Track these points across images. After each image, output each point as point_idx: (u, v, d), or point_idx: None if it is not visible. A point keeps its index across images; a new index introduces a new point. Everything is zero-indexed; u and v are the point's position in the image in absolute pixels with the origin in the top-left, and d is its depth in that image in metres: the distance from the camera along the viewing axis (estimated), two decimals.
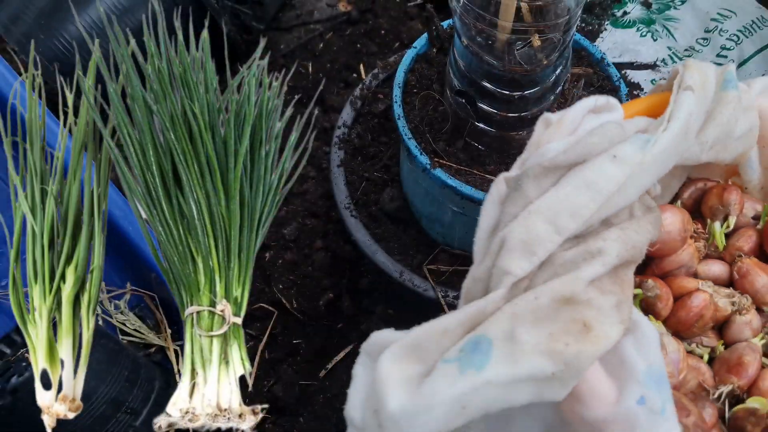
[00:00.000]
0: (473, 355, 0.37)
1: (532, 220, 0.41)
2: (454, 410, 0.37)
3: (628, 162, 0.41)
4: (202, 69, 0.64)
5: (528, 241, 0.40)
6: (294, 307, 1.17)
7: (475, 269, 0.43)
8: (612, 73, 0.87)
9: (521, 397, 0.37)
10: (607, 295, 0.39)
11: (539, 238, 0.40)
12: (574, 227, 0.41)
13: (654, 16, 1.39)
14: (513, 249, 0.40)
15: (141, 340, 1.12)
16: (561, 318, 0.38)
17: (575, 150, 0.42)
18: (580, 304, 0.38)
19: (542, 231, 0.41)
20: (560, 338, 0.37)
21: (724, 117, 0.47)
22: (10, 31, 1.23)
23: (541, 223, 0.41)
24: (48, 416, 0.58)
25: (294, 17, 1.55)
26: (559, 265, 0.40)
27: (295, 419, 1.11)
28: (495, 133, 0.78)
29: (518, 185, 0.43)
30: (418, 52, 0.88)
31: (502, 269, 0.40)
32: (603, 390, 0.38)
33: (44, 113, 0.69)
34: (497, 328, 0.38)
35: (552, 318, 0.38)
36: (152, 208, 0.62)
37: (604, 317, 0.38)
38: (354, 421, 0.43)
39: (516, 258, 0.40)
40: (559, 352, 0.37)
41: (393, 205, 0.94)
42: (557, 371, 0.36)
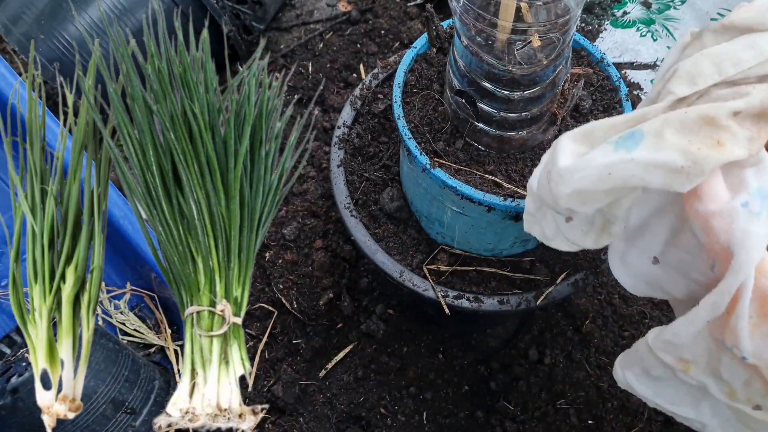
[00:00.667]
0: (627, 140, 0.51)
1: (701, 59, 0.53)
2: (603, 174, 0.51)
3: None
4: (202, 69, 0.64)
5: (693, 73, 0.53)
6: (294, 307, 1.17)
7: (649, 93, 0.57)
8: (612, 73, 0.87)
9: (655, 180, 0.50)
10: (744, 129, 0.50)
11: (702, 73, 0.53)
12: (732, 72, 0.52)
13: (654, 16, 1.39)
14: (680, 77, 0.53)
15: (141, 340, 1.12)
16: (701, 131, 0.50)
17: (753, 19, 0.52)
18: (719, 127, 0.49)
19: (706, 68, 0.53)
20: (695, 143, 0.49)
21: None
22: (10, 31, 1.23)
23: (708, 63, 0.53)
24: (48, 416, 0.58)
25: (294, 17, 1.55)
26: (713, 97, 0.52)
27: (295, 419, 1.11)
28: (495, 133, 0.78)
29: (699, 36, 0.56)
30: (418, 52, 0.88)
31: (668, 90, 0.53)
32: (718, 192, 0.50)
33: (44, 113, 0.69)
34: (651, 126, 0.50)
35: (694, 130, 0.50)
36: (152, 208, 0.62)
37: (735, 141, 0.49)
38: (532, 188, 0.59)
39: (680, 83, 0.53)
40: (692, 152, 0.48)
41: (393, 205, 0.94)
42: (686, 166, 0.48)
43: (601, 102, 0.86)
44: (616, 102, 0.85)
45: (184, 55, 0.63)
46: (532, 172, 0.80)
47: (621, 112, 0.85)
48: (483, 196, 0.76)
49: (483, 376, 1.16)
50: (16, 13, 1.23)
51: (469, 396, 1.15)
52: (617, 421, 1.10)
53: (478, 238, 0.89)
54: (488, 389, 1.15)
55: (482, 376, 1.16)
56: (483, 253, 0.93)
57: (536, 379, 1.13)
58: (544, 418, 1.10)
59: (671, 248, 0.57)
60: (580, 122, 0.84)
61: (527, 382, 1.13)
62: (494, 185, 0.79)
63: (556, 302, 0.91)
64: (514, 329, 1.19)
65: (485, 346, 1.18)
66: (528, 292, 0.90)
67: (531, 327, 1.18)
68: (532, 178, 0.59)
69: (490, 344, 1.17)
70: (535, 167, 0.81)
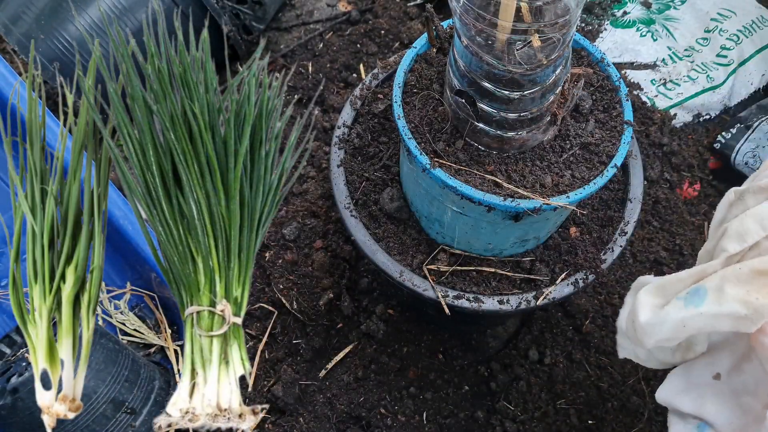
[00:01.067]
0: (694, 297, 0.61)
1: (746, 219, 0.63)
2: (678, 327, 0.62)
3: None
4: (202, 69, 0.64)
5: (741, 232, 0.63)
6: (294, 307, 1.17)
7: (707, 245, 0.67)
8: (612, 73, 0.87)
9: (724, 326, 0.59)
10: None
11: (749, 231, 0.62)
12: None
13: (654, 16, 1.39)
14: (731, 236, 0.63)
15: (141, 340, 1.12)
16: (756, 282, 0.58)
17: None
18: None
19: (752, 227, 0.62)
20: (753, 294, 0.58)
21: None
22: (10, 31, 1.23)
23: (752, 222, 0.62)
24: (48, 416, 0.57)
25: (294, 17, 1.55)
26: (763, 249, 0.61)
27: (295, 419, 1.11)
28: (495, 133, 0.78)
29: (742, 197, 0.66)
30: (418, 52, 0.88)
31: (721, 248, 0.63)
32: None
33: (44, 113, 0.69)
34: (712, 282, 0.61)
35: (749, 281, 0.59)
36: (152, 208, 0.62)
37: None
38: (621, 328, 0.71)
39: (732, 242, 0.63)
40: (751, 302, 0.57)
41: (393, 205, 0.94)
42: (748, 314, 0.57)
43: (601, 102, 0.86)
44: (616, 102, 0.85)
45: (184, 55, 0.63)
46: (533, 172, 0.81)
47: (621, 112, 0.85)
48: (483, 196, 0.76)
49: (483, 376, 1.16)
50: (16, 13, 1.23)
51: (469, 396, 1.15)
52: (617, 421, 1.10)
53: (478, 238, 0.89)
54: (488, 389, 1.15)
55: (482, 377, 1.16)
56: (483, 253, 0.93)
57: (536, 380, 1.13)
58: (544, 418, 1.10)
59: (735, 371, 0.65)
60: (580, 122, 0.84)
61: (527, 382, 1.13)
62: (494, 185, 0.79)
63: (556, 302, 0.91)
64: (514, 329, 1.19)
65: (485, 346, 1.18)
66: (528, 292, 0.90)
67: (531, 327, 1.18)
68: (619, 319, 0.71)
69: (490, 344, 1.17)
70: (535, 167, 0.81)
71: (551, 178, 0.80)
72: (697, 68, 1.34)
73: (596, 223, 0.96)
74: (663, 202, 1.25)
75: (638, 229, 1.23)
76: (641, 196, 0.95)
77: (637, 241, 1.21)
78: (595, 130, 0.84)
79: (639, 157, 0.98)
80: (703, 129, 1.36)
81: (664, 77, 1.33)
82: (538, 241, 0.93)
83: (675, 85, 1.33)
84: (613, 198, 0.97)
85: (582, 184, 0.80)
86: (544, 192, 0.79)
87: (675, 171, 1.30)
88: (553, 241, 0.94)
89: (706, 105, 1.33)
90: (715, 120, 1.37)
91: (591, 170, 0.81)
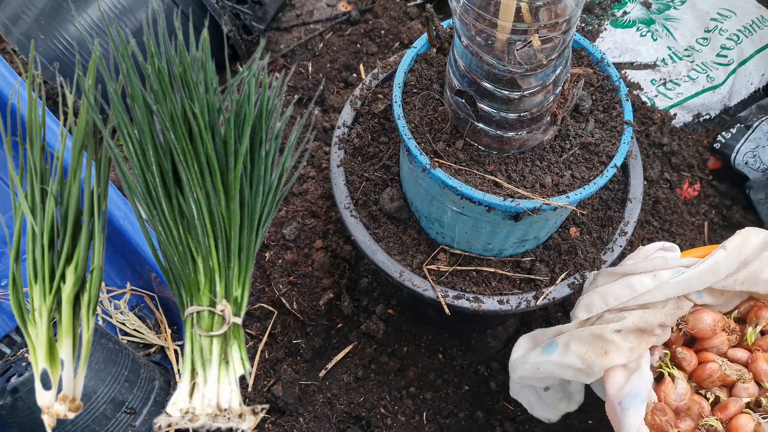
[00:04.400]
0: (549, 347, 0.83)
1: (593, 296, 0.83)
2: (534, 368, 0.83)
3: (660, 279, 0.80)
4: (202, 69, 0.64)
5: (588, 305, 0.82)
6: (294, 307, 1.17)
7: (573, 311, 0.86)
8: (612, 73, 0.87)
9: (567, 375, 0.81)
10: (627, 342, 0.77)
11: (594, 305, 0.82)
12: (614, 304, 0.80)
13: (654, 16, 1.39)
14: (581, 307, 0.84)
15: (141, 340, 1.12)
16: (593, 344, 0.78)
17: (627, 268, 0.82)
18: (606, 341, 0.78)
19: (597, 302, 0.82)
20: (589, 353, 0.78)
21: (755, 267, 0.80)
22: (10, 31, 1.23)
23: (597, 298, 0.82)
24: (48, 416, 0.57)
25: (294, 17, 1.55)
26: (604, 319, 0.81)
27: (295, 419, 1.11)
28: (495, 133, 0.78)
29: (595, 279, 0.86)
30: (418, 52, 0.88)
31: (574, 314, 0.84)
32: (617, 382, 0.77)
33: (44, 113, 0.69)
34: (562, 339, 0.82)
35: (588, 343, 0.79)
36: (152, 208, 0.62)
37: (618, 351, 0.77)
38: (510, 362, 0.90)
39: (582, 311, 0.83)
40: (587, 359, 0.78)
41: (393, 205, 0.94)
42: (584, 367, 0.78)
43: (601, 102, 0.86)
44: (616, 102, 0.85)
45: (184, 55, 0.63)
46: (533, 172, 0.81)
47: (621, 112, 0.85)
48: (483, 196, 0.76)
49: (483, 376, 1.16)
50: (16, 12, 1.23)
51: (469, 396, 1.15)
52: None
53: (478, 238, 0.89)
54: (488, 389, 1.15)
55: (482, 377, 1.16)
56: (483, 253, 0.93)
57: None
58: None
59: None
60: (580, 122, 0.84)
61: None
62: (494, 185, 0.79)
63: (555, 302, 0.91)
64: (514, 329, 1.19)
65: (485, 346, 1.18)
66: (528, 292, 0.90)
67: (531, 327, 1.18)
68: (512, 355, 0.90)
69: (490, 344, 1.17)
70: (535, 167, 0.81)
71: (551, 178, 0.80)
72: (697, 68, 1.34)
73: (596, 223, 0.96)
74: (663, 202, 1.25)
75: (638, 229, 1.23)
76: (641, 196, 0.95)
77: (637, 241, 1.21)
78: (595, 130, 0.84)
79: (639, 157, 0.98)
80: (703, 129, 1.36)
81: (664, 77, 1.33)
82: (538, 241, 0.93)
83: (675, 85, 1.33)
84: (613, 198, 0.97)
85: (582, 184, 0.80)
86: (544, 192, 0.79)
87: (675, 171, 1.30)
88: (553, 241, 0.94)
89: (706, 105, 1.33)
90: (715, 120, 1.37)
91: (591, 170, 0.81)
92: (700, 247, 0.86)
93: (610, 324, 0.77)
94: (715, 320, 0.80)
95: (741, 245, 0.78)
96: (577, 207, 0.92)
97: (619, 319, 0.78)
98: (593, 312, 0.80)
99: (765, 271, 0.79)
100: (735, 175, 1.30)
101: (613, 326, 0.77)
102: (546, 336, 0.84)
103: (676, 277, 0.79)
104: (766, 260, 0.80)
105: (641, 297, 0.78)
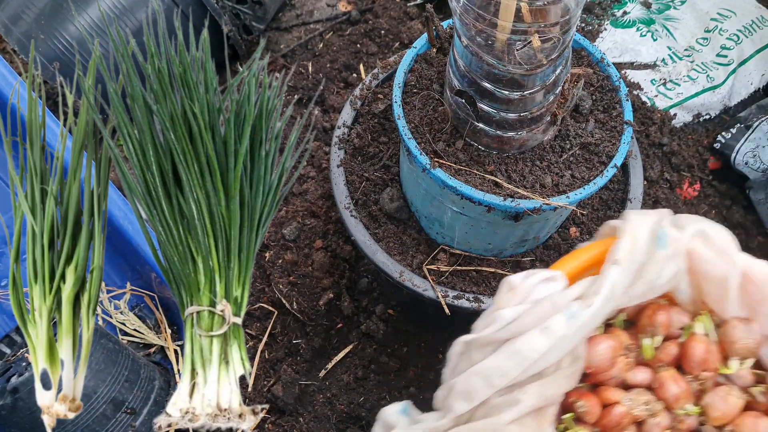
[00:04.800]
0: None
1: (472, 378, 0.59)
2: None
3: (553, 334, 0.57)
4: (202, 69, 0.64)
5: (468, 391, 0.59)
6: (294, 307, 1.17)
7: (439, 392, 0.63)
8: (612, 73, 0.87)
9: None
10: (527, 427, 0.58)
11: (476, 391, 0.58)
12: (502, 384, 0.58)
13: (654, 16, 1.39)
14: (457, 395, 0.59)
15: (141, 340, 1.12)
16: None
17: (509, 330, 0.58)
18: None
19: (479, 386, 0.58)
20: None
21: (651, 274, 0.60)
22: (10, 31, 1.23)
23: (479, 380, 0.58)
24: (48, 416, 0.57)
25: (294, 17, 1.55)
26: (491, 406, 0.59)
27: (295, 419, 1.11)
28: (495, 133, 0.78)
29: (468, 350, 0.61)
30: (418, 52, 0.88)
31: (448, 407, 0.59)
32: None
33: (44, 113, 0.69)
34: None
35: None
36: (152, 208, 0.62)
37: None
38: None
39: (458, 402, 0.59)
40: None
41: (393, 205, 0.94)
42: None
43: (601, 102, 0.86)
44: (616, 102, 0.85)
45: (184, 55, 0.63)
46: (533, 172, 0.81)
47: (621, 112, 0.85)
48: (483, 196, 0.76)
49: None
50: (16, 12, 1.23)
51: None
52: None
53: (478, 238, 0.89)
54: None
55: None
56: (483, 253, 0.93)
57: None
58: None
59: None
60: (580, 122, 0.84)
61: None
62: (494, 185, 0.79)
63: None
64: None
65: None
66: None
67: None
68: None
69: None
70: (535, 167, 0.81)
71: (551, 178, 0.80)
72: (697, 68, 1.34)
73: (596, 223, 0.96)
74: (663, 202, 1.25)
75: None
76: (641, 196, 0.95)
77: None
78: (595, 130, 0.84)
79: (639, 157, 0.98)
80: (703, 129, 1.36)
81: (664, 77, 1.33)
82: (538, 241, 0.93)
83: (675, 85, 1.33)
84: (613, 198, 0.97)
85: (582, 184, 0.80)
86: (544, 192, 0.79)
87: (675, 171, 1.30)
88: (553, 241, 0.94)
89: (706, 105, 1.33)
90: (715, 120, 1.37)
91: (591, 170, 0.81)
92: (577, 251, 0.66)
93: (502, 414, 0.58)
94: (614, 349, 0.63)
95: (632, 249, 0.61)
96: (577, 207, 0.92)
97: (513, 403, 0.59)
98: (476, 400, 0.60)
99: (662, 275, 0.62)
100: (735, 175, 1.30)
101: (507, 417, 0.58)
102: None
103: (571, 322, 0.59)
104: (661, 259, 0.62)
105: (535, 365, 0.59)
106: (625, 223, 0.61)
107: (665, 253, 0.60)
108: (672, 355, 0.62)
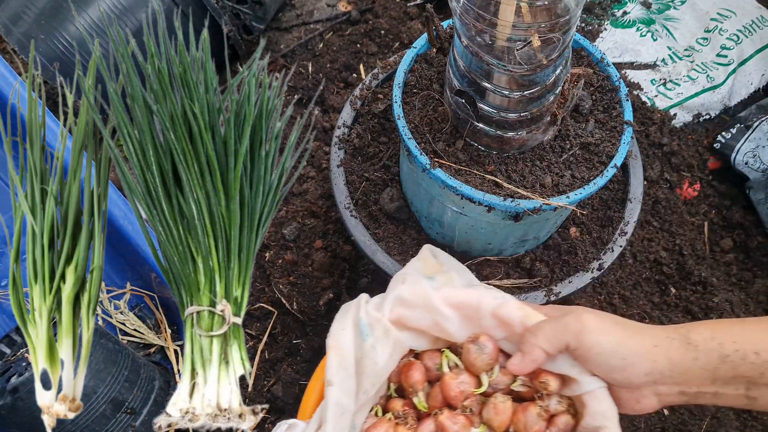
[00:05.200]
0: None
1: None
2: None
3: None
4: (202, 69, 0.64)
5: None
6: (294, 307, 1.17)
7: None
8: (612, 73, 0.87)
9: None
10: None
11: None
12: None
13: (654, 16, 1.39)
14: None
15: (141, 340, 1.12)
16: None
17: None
18: None
19: None
20: None
21: (369, 365, 0.62)
22: (10, 31, 1.23)
23: None
24: (48, 416, 0.57)
25: (294, 17, 1.55)
26: None
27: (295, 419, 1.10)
28: (495, 133, 0.78)
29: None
30: (418, 52, 0.88)
31: None
32: None
33: (44, 113, 0.69)
34: None
35: None
36: (152, 208, 0.62)
37: None
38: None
39: None
40: None
41: (393, 205, 0.94)
42: None
43: (601, 102, 0.86)
44: (616, 102, 0.85)
45: (184, 55, 0.63)
46: (533, 172, 0.81)
47: (621, 112, 0.85)
48: (483, 196, 0.76)
49: None
50: (16, 12, 1.23)
51: None
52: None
53: (478, 238, 0.89)
54: None
55: None
56: (483, 253, 0.93)
57: None
58: None
59: None
60: (580, 122, 0.84)
61: None
62: (494, 185, 0.79)
63: (556, 302, 0.91)
64: None
65: None
66: (528, 292, 0.90)
67: None
68: None
69: None
70: (535, 167, 0.81)
71: (551, 178, 0.80)
72: (697, 68, 1.34)
73: (596, 223, 0.96)
74: (663, 202, 1.25)
75: (638, 229, 1.23)
76: (641, 196, 0.95)
77: (637, 241, 1.21)
78: (595, 130, 0.84)
79: (639, 157, 0.98)
80: (703, 129, 1.36)
81: (664, 77, 1.33)
82: (538, 241, 0.93)
83: (675, 85, 1.33)
84: (613, 198, 0.97)
85: (582, 184, 0.80)
86: (544, 192, 0.79)
87: (675, 171, 1.30)
88: (553, 241, 0.94)
89: (706, 105, 1.33)
90: (715, 120, 1.37)
91: (591, 170, 0.81)
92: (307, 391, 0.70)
93: None
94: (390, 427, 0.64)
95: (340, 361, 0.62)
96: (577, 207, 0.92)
97: None
98: None
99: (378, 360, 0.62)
100: (735, 175, 1.30)
101: None
102: None
103: None
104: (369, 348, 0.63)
105: None
106: (329, 339, 0.64)
107: (371, 341, 0.63)
108: (440, 398, 0.64)
